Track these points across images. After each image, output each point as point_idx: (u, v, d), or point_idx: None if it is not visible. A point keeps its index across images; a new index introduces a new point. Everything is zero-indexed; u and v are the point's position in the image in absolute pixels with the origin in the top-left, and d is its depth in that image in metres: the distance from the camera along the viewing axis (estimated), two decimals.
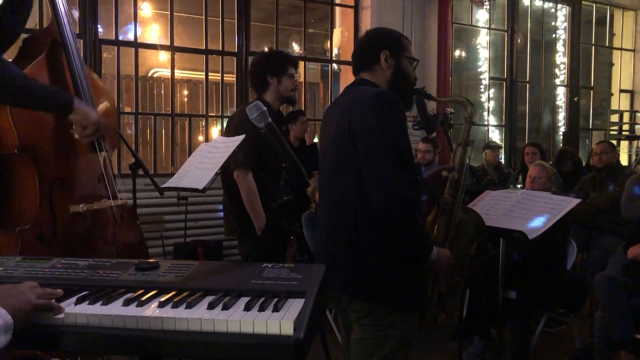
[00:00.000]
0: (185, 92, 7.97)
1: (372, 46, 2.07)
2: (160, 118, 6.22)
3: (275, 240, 2.86)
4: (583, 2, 8.62)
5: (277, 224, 2.80)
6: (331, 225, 2.02)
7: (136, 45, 5.47)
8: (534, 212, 2.59)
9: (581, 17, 8.67)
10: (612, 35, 9.34)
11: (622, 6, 9.12)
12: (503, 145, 7.89)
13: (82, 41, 5.01)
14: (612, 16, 9.27)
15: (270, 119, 1.66)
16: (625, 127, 9.33)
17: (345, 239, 1.93)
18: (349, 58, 2.72)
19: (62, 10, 2.44)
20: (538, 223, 2.47)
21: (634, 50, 9.37)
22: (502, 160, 7.48)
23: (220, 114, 6.06)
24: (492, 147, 6.94)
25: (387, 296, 1.92)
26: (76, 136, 2.16)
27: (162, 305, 1.24)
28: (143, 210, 4.90)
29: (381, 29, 2.21)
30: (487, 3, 7.08)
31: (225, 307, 1.21)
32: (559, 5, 8.57)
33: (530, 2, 8.31)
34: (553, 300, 3.61)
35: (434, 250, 1.96)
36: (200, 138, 6.95)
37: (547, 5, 8.51)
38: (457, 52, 7.84)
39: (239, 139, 2.41)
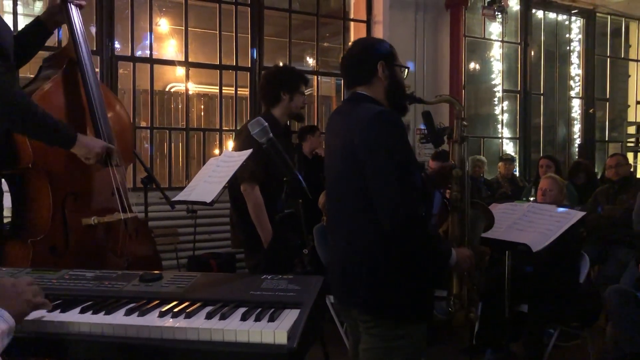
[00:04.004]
0: (202, 107, 8.09)
1: (368, 59, 2.07)
2: (177, 132, 6.32)
3: (282, 253, 2.89)
4: (598, 14, 8.59)
5: (285, 237, 2.83)
6: (343, 241, 2.05)
7: (151, 61, 5.58)
8: (539, 225, 2.59)
9: (596, 29, 8.63)
10: (627, 46, 9.28)
11: (638, 18, 9.07)
12: (517, 158, 7.86)
13: (98, 58, 5.13)
14: (627, 28, 9.21)
15: (271, 134, 1.70)
16: None
17: (356, 254, 1.96)
18: None
19: (79, 30, 2.52)
20: (542, 237, 2.47)
21: None
22: (517, 173, 7.45)
23: (234, 128, 6.14)
24: (506, 159, 6.93)
25: (396, 309, 1.94)
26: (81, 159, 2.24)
27: (162, 315, 1.28)
28: (157, 224, 4.98)
29: (371, 39, 2.23)
30: (499, 15, 7.09)
31: (223, 317, 1.26)
32: (573, 18, 8.55)
33: (544, 14, 8.31)
34: (566, 314, 3.59)
35: (452, 254, 1.99)
36: (216, 152, 7.04)
37: (561, 17, 8.50)
38: (471, 65, 7.87)
39: (246, 153, 2.45)
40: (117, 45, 5.58)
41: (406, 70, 2.15)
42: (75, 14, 2.47)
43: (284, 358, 1.15)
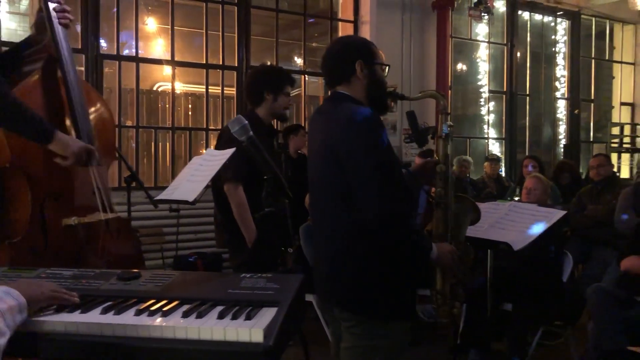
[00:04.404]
0: (190, 106, 8.06)
1: (346, 58, 2.06)
2: (163, 132, 6.30)
3: (266, 252, 2.88)
4: (583, 16, 8.67)
5: (269, 236, 2.83)
6: (326, 240, 2.06)
7: (137, 59, 5.55)
8: (520, 224, 2.61)
9: (581, 31, 8.71)
10: (612, 48, 9.39)
11: (622, 20, 9.17)
12: (503, 158, 7.92)
13: (84, 56, 5.09)
14: (612, 30, 9.32)
15: (251, 133, 1.70)
16: (626, 139, 9.33)
17: (337, 252, 1.97)
18: None
19: (58, 26, 2.49)
20: (524, 235, 2.49)
21: (634, 64, 9.41)
22: (502, 173, 7.51)
23: (221, 128, 6.13)
24: (492, 159, 6.97)
25: (377, 308, 1.95)
26: (58, 161, 2.20)
27: (138, 313, 1.28)
28: (142, 223, 4.96)
29: (349, 38, 2.23)
30: (485, 16, 7.14)
31: (200, 316, 1.25)
32: (559, 19, 8.63)
33: (530, 15, 8.37)
34: (549, 313, 3.62)
35: (433, 249, 1.99)
36: (203, 151, 7.02)
37: (546, 19, 8.57)
38: (457, 66, 7.91)
39: (229, 152, 2.44)
40: (103, 43, 5.55)
41: (387, 68, 2.15)
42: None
43: (260, 356, 1.15)
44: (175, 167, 5.86)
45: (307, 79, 6.71)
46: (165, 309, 1.29)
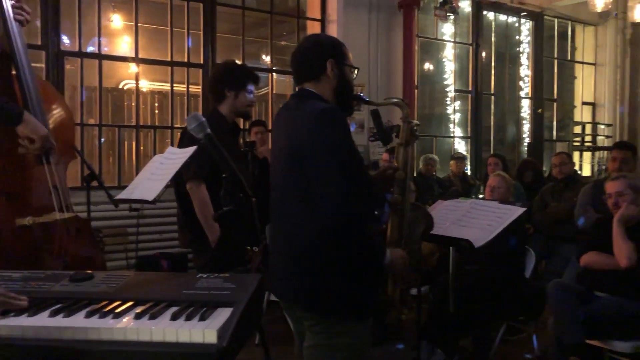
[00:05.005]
0: (156, 104, 7.95)
1: (318, 55, 2.06)
2: (129, 130, 6.19)
3: (230, 251, 2.85)
4: (545, 16, 8.83)
5: (233, 236, 2.80)
6: (284, 238, 2.05)
7: (100, 57, 5.44)
8: (481, 221, 2.65)
9: (544, 32, 8.88)
10: (574, 49, 9.59)
11: (583, 21, 9.38)
12: (468, 157, 8.02)
13: (44, 53, 4.96)
14: (573, 31, 9.52)
15: (209, 130, 1.67)
16: (588, 138, 9.55)
17: (298, 253, 1.96)
18: None
19: (13, 22, 2.42)
20: (485, 232, 2.52)
21: (594, 64, 9.63)
22: (468, 171, 7.61)
23: (186, 126, 6.05)
24: (458, 158, 7.06)
25: (338, 307, 1.94)
26: (21, 151, 2.14)
27: (89, 315, 1.24)
28: (105, 223, 4.87)
29: (322, 36, 2.22)
30: (451, 16, 7.22)
31: (152, 317, 1.23)
32: (523, 20, 8.77)
33: (495, 16, 8.49)
34: (513, 309, 3.67)
35: (387, 254, 2.00)
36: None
37: (511, 19, 8.71)
38: (424, 65, 7.98)
39: (189, 150, 2.41)
40: (66, 40, 5.42)
41: (356, 70, 2.15)
42: (8, 3, 2.37)
43: (214, 357, 1.14)
44: (140, 166, 5.75)
45: (274, 77, 6.67)
46: (117, 310, 1.26)
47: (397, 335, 4.16)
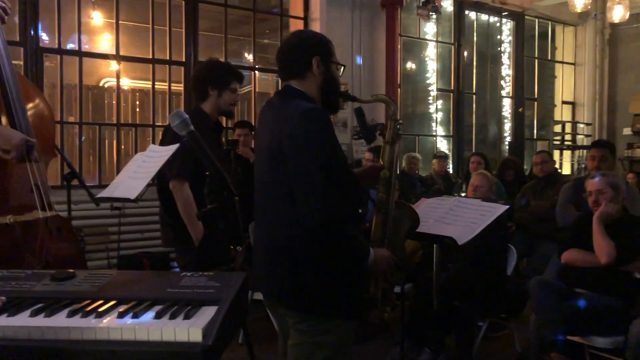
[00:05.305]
0: (137, 102, 7.88)
1: (304, 52, 2.04)
2: (109, 128, 6.12)
3: (214, 250, 2.83)
4: (526, 16, 8.92)
5: (217, 234, 2.78)
6: (267, 236, 2.04)
7: (80, 54, 5.37)
8: (465, 219, 2.67)
9: (525, 31, 8.97)
10: (554, 49, 9.70)
11: (563, 22, 9.49)
12: (451, 155, 8.07)
13: (22, 49, 4.89)
14: (553, 31, 9.63)
15: (192, 127, 1.66)
16: (568, 137, 9.67)
17: (281, 251, 1.95)
18: None
19: None
20: (467, 230, 2.54)
21: (574, 64, 9.75)
22: (450, 170, 7.66)
23: (168, 124, 5.99)
24: (440, 156, 7.10)
25: (323, 306, 1.94)
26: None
27: (71, 314, 1.22)
28: (86, 222, 4.81)
29: (308, 32, 2.20)
30: (433, 15, 7.25)
31: (136, 316, 1.21)
32: (504, 20, 8.85)
33: (477, 15, 8.55)
34: (495, 306, 3.70)
35: (371, 253, 2.00)
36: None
37: (492, 19, 8.78)
38: (407, 65, 8.01)
39: (172, 148, 2.39)
40: (45, 37, 5.34)
41: (342, 68, 2.14)
42: None
43: (199, 356, 1.12)
44: (121, 165, 5.70)
45: (257, 75, 6.65)
46: (100, 309, 1.24)
47: (381, 333, 4.17)
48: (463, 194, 5.40)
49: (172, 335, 1.14)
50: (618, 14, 7.59)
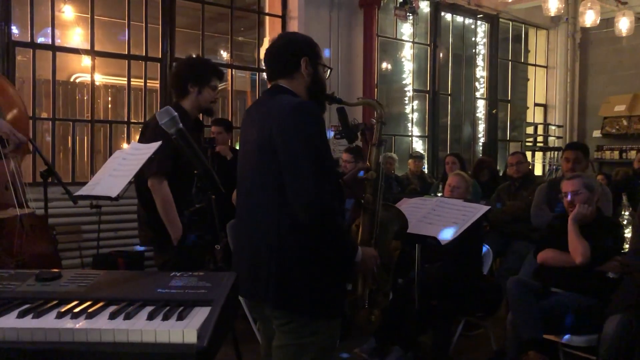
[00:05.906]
0: (110, 98, 7.74)
1: (293, 52, 2.07)
2: (82, 125, 6.00)
3: (193, 249, 2.80)
4: (501, 19, 9.05)
5: (198, 233, 2.74)
6: (251, 234, 2.02)
7: (53, 48, 5.25)
8: (447, 219, 2.69)
9: (499, 34, 9.10)
10: (527, 51, 9.86)
11: (536, 25, 9.65)
12: (426, 156, 8.14)
13: None
14: (527, 34, 9.79)
15: (181, 125, 1.63)
16: (540, 138, 9.85)
17: (267, 249, 1.93)
18: None
19: None
20: (450, 230, 2.56)
21: (546, 67, 9.93)
22: (426, 170, 7.72)
23: (143, 121, 5.91)
24: (415, 157, 7.16)
25: (309, 305, 1.93)
26: None
27: (60, 316, 1.19)
28: (59, 220, 4.71)
29: (297, 34, 2.23)
30: (410, 16, 7.30)
31: (128, 317, 1.19)
32: (479, 22, 8.96)
33: (452, 17, 8.64)
34: (471, 305, 3.75)
35: (358, 251, 2.00)
36: (124, 145, 6.76)
37: (467, 21, 8.88)
38: (383, 65, 8.04)
39: (154, 145, 2.35)
40: (16, 30, 5.21)
41: (329, 70, 2.17)
42: None
43: (194, 357, 1.10)
44: (94, 162, 5.60)
45: (234, 73, 6.60)
46: (90, 310, 1.21)
47: (361, 331, 4.18)
48: (440, 194, 5.45)
49: (166, 336, 1.12)
50: (589, 18, 7.74)
